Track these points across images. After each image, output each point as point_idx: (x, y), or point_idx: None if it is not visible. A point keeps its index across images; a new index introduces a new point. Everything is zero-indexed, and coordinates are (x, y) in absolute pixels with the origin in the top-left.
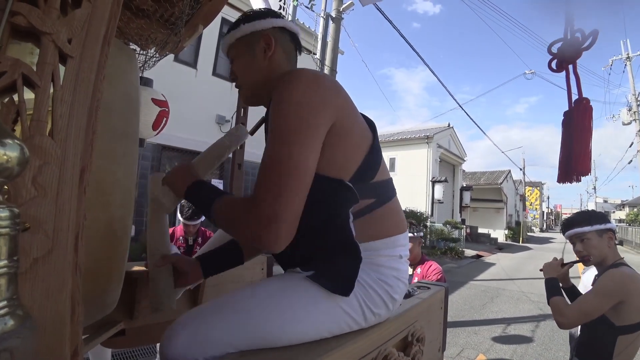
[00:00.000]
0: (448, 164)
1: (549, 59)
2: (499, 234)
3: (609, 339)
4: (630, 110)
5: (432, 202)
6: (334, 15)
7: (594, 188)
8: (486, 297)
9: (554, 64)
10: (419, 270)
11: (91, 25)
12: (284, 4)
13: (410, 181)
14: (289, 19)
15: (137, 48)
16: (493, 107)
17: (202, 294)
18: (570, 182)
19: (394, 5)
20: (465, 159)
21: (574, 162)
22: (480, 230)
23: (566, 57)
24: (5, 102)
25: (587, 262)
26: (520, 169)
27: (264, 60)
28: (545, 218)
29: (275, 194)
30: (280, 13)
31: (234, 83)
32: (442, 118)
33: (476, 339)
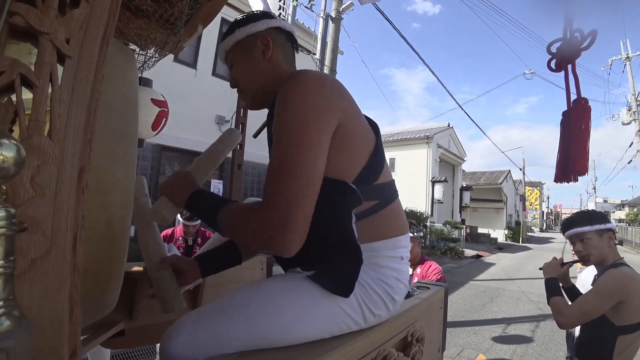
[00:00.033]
0: (448, 164)
1: (548, 58)
2: (499, 234)
3: (609, 339)
4: (629, 110)
5: (432, 202)
6: (333, 16)
7: (594, 188)
8: (486, 297)
9: (553, 63)
10: (418, 270)
11: (89, 25)
12: (284, 4)
13: (410, 181)
14: (289, 19)
15: (136, 48)
16: (493, 107)
17: (202, 294)
18: (568, 181)
19: (394, 6)
20: (465, 159)
21: (572, 161)
22: (480, 230)
23: (565, 56)
24: (4, 102)
25: (587, 262)
26: (520, 169)
27: (264, 62)
28: (545, 218)
29: (289, 198)
30: (273, 13)
31: (235, 89)
32: (442, 118)
33: (476, 339)
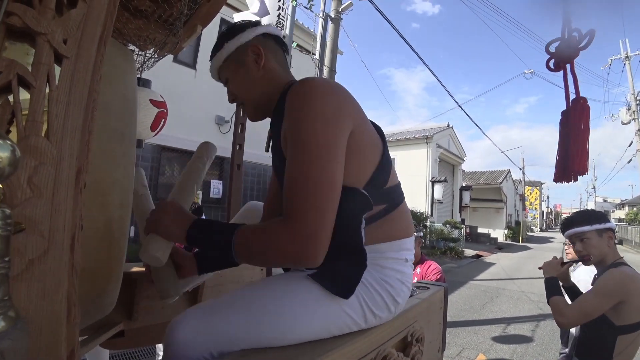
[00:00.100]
0: (447, 164)
1: (547, 58)
2: (499, 234)
3: (609, 339)
4: (629, 110)
5: (432, 202)
6: (332, 16)
7: (594, 187)
8: (486, 297)
9: (551, 63)
10: (418, 270)
11: (87, 26)
12: (283, 4)
13: (409, 181)
14: (288, 19)
15: (135, 49)
16: (492, 107)
17: (201, 294)
18: (567, 181)
19: (393, 6)
20: (464, 158)
21: (571, 161)
22: (480, 230)
23: (563, 56)
24: (1, 102)
25: (587, 262)
26: (520, 169)
27: (259, 71)
28: (544, 218)
29: (314, 210)
30: (259, 21)
31: (234, 103)
32: (441, 118)
33: (476, 339)
